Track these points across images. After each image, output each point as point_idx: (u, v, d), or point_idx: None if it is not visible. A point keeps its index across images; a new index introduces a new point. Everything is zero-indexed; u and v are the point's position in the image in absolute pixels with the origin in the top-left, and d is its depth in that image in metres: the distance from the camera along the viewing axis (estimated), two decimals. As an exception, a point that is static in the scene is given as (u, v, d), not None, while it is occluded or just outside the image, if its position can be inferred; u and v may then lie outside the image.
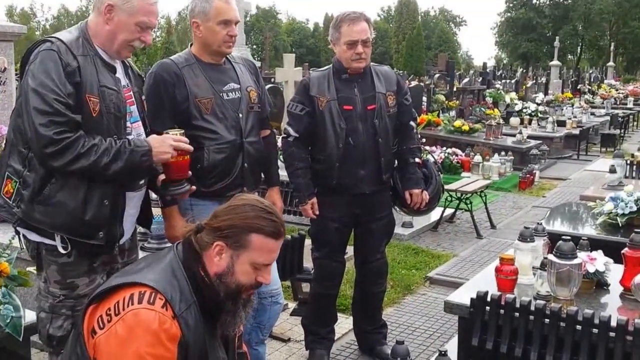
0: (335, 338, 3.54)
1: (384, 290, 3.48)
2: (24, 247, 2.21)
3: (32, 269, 2.10)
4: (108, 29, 2.10)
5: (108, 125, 2.08)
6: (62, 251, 2.06)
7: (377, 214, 3.24)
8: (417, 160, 3.29)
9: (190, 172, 2.27)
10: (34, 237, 2.12)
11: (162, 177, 2.24)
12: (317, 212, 3.17)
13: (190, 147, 2.21)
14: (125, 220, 2.19)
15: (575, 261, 2.45)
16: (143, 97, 2.35)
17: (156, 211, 2.78)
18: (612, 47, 36.45)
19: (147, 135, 2.26)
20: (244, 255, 1.64)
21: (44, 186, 2.04)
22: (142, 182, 2.26)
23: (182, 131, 2.25)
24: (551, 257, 2.49)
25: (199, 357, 1.58)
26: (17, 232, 2.18)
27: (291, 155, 3.17)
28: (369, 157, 3.15)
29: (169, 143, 2.10)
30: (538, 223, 3.00)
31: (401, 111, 3.26)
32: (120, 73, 2.20)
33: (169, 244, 2.39)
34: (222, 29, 2.59)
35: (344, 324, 3.78)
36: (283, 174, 3.18)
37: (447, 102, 12.53)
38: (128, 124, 2.21)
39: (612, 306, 2.50)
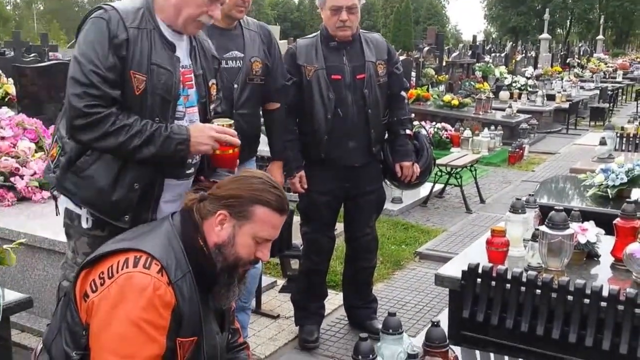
0: (325, 314, 3.55)
1: (374, 265, 3.48)
2: (59, 213, 2.15)
3: (8, 246, 2.05)
4: (173, 3, 1.95)
5: (152, 106, 1.95)
6: (85, 225, 1.99)
7: (367, 187, 3.21)
8: (407, 132, 3.24)
9: (237, 166, 2.09)
10: (69, 204, 2.05)
11: None
12: (306, 186, 3.14)
13: (237, 141, 2.01)
14: (160, 209, 2.01)
15: (567, 232, 2.45)
16: (212, 81, 2.17)
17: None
18: (601, 21, 36.48)
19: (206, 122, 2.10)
20: (246, 227, 1.61)
21: (79, 156, 1.97)
22: (189, 170, 2.07)
23: (231, 122, 2.07)
24: (543, 228, 2.48)
25: (192, 328, 1.56)
26: (54, 197, 2.13)
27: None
28: (359, 129, 3.10)
29: (210, 134, 1.91)
30: (530, 195, 3.00)
31: (392, 81, 3.20)
32: (182, 52, 2.05)
33: None
34: None
35: (334, 299, 3.79)
36: (266, 149, 3.15)
37: (436, 76, 12.50)
38: (181, 107, 2.05)
39: (603, 277, 2.51)
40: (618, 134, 5.52)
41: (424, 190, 6.22)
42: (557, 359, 2.19)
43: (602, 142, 4.98)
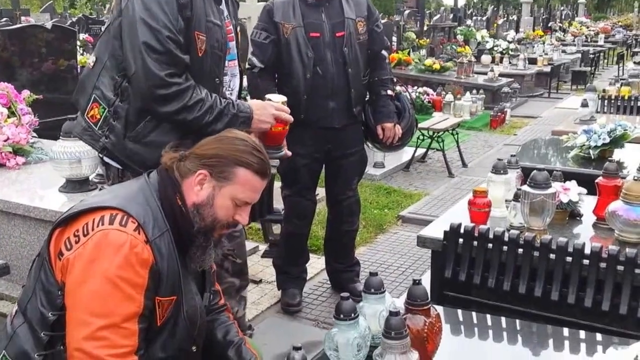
0: (308, 278, 3.55)
1: (356, 228, 3.47)
2: (104, 173, 2.13)
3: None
4: None
5: (211, 66, 1.93)
6: None
7: (348, 149, 3.18)
8: (389, 92, 3.19)
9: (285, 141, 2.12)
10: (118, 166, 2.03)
11: None
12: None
13: (291, 118, 2.06)
14: None
15: (549, 191, 2.45)
16: (239, 29, 2.16)
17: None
18: (583, -16, 36.37)
19: (241, 73, 2.10)
20: (227, 189, 1.58)
21: (138, 122, 1.93)
22: None
23: (284, 99, 2.08)
24: (525, 187, 2.48)
25: (171, 287, 1.53)
26: (102, 160, 2.10)
27: (257, 88, 3.03)
28: (339, 89, 3.05)
29: (271, 112, 1.97)
30: (512, 155, 2.99)
31: (372, 39, 3.14)
32: (224, 3, 2.03)
33: None
34: None
35: (316, 263, 3.79)
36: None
37: (417, 40, 12.42)
38: (225, 62, 2.04)
39: (585, 235, 2.53)
40: (600, 96, 5.53)
41: (406, 154, 6.21)
42: (539, 316, 2.20)
43: (584, 104, 4.98)
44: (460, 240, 2.40)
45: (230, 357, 1.72)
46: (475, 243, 2.37)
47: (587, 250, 2.19)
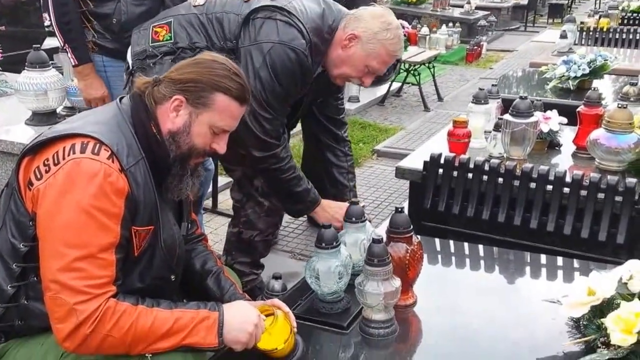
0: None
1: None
2: None
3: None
4: None
5: None
6: None
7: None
8: None
9: None
10: None
11: None
12: None
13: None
14: None
15: (531, 119, 2.44)
16: None
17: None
18: None
19: None
20: (204, 115, 1.51)
21: None
22: None
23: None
24: (507, 116, 2.46)
25: (148, 217, 1.48)
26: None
27: None
28: None
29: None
30: (493, 85, 2.96)
31: None
32: None
33: None
34: None
35: (291, 197, 3.77)
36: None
37: (392, -29, 12.13)
38: None
39: (564, 165, 2.54)
40: (579, 28, 5.49)
41: (382, 88, 6.14)
42: (518, 244, 2.22)
43: (563, 36, 4.94)
44: (440, 170, 2.39)
45: (209, 286, 1.70)
46: (455, 173, 2.36)
47: (568, 179, 2.20)
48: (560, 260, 2.00)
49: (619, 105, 2.38)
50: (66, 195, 1.38)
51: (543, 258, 2.02)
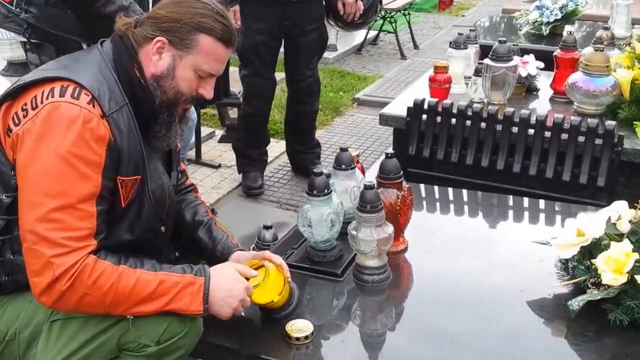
0: (268, 161, 3.45)
1: (316, 109, 3.34)
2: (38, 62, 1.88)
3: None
4: None
5: None
6: None
7: (308, 25, 2.95)
8: None
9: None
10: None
11: None
12: (239, 22, 2.84)
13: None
14: None
15: (511, 63, 2.36)
16: None
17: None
18: None
19: None
20: (188, 58, 1.37)
21: None
22: None
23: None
24: (487, 60, 2.39)
25: (134, 166, 1.35)
26: (33, 48, 1.88)
27: None
28: None
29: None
30: (471, 30, 2.87)
31: None
32: None
33: None
34: None
35: (275, 147, 3.68)
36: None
37: None
38: None
39: (543, 109, 2.48)
40: (550, -26, 5.34)
41: (358, 36, 5.99)
42: (501, 188, 2.18)
43: (534, -18, 4.82)
44: (424, 116, 2.31)
45: (200, 237, 1.59)
46: (438, 119, 2.29)
47: (549, 122, 2.15)
48: (542, 203, 1.97)
49: (596, 49, 2.31)
50: (44, 141, 1.26)
51: (525, 201, 1.99)
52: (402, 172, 1.63)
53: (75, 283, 1.24)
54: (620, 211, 1.45)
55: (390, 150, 1.66)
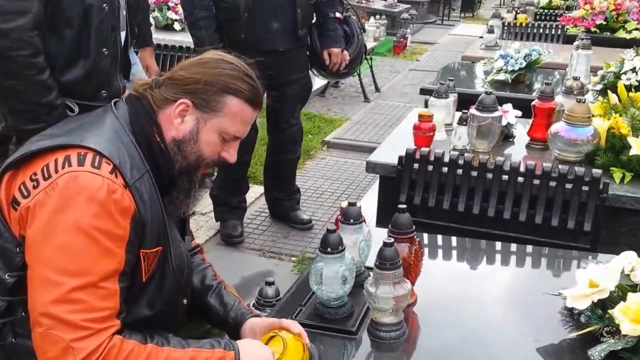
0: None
1: (298, 157, 3.31)
2: None
3: None
4: None
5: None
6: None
7: (292, 75, 2.94)
8: (337, 15, 2.92)
9: None
10: None
11: None
12: None
13: None
14: None
15: (496, 114, 2.41)
16: None
17: None
18: None
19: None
20: (213, 121, 1.27)
21: None
22: None
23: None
24: (473, 110, 2.42)
25: (157, 237, 1.25)
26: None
27: (190, 2, 2.66)
28: (283, 8, 2.74)
29: None
30: (450, 79, 2.92)
31: None
32: None
33: None
34: None
35: (252, 191, 3.61)
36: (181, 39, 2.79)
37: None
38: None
39: (520, 155, 2.53)
40: (506, 23, 5.57)
41: (321, 80, 6.05)
42: (491, 235, 2.19)
43: (490, 31, 4.98)
44: (415, 165, 2.32)
45: (211, 303, 1.48)
46: (430, 167, 2.30)
47: (539, 171, 2.18)
48: (530, 248, 1.98)
49: (578, 100, 2.38)
50: (61, 215, 1.14)
51: (529, 248, 1.99)
52: (414, 227, 1.61)
53: None
54: (633, 262, 1.47)
55: (366, 196, 1.64)
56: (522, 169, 2.19)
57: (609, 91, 2.67)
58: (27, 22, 1.65)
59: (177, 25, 4.81)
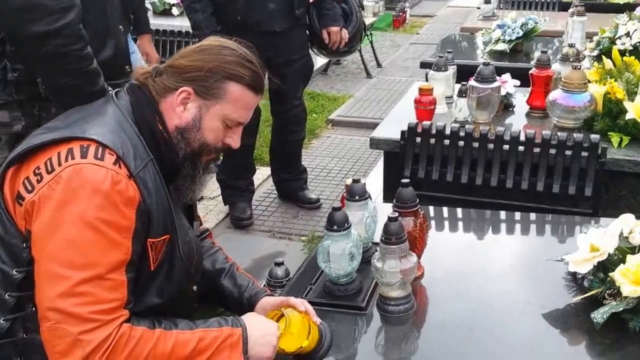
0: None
1: (303, 137, 3.31)
2: None
3: None
4: None
5: None
6: None
7: (292, 55, 2.91)
8: None
9: None
10: None
11: None
12: None
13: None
14: None
15: (495, 84, 2.41)
16: None
17: None
18: None
19: None
20: (216, 108, 1.27)
21: None
22: None
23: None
24: (472, 82, 2.43)
25: (163, 225, 1.24)
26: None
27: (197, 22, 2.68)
28: None
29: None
30: (448, 51, 2.91)
31: None
32: None
33: None
34: None
35: (259, 173, 3.64)
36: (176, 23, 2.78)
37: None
38: None
39: (521, 124, 2.53)
40: (501, -7, 5.50)
41: (322, 58, 6.03)
42: (494, 204, 2.20)
43: (487, 1, 4.95)
44: (418, 139, 2.33)
45: (225, 285, 1.49)
46: (432, 140, 2.31)
47: (538, 140, 2.19)
48: (533, 215, 1.99)
49: (574, 67, 2.37)
50: (66, 208, 1.13)
51: (532, 216, 1.99)
52: (417, 200, 1.63)
53: (110, 356, 1.13)
54: (630, 225, 1.48)
55: (374, 172, 1.65)
56: (522, 138, 2.20)
57: (603, 57, 2.65)
58: (75, 17, 1.63)
59: (175, 10, 4.79)
